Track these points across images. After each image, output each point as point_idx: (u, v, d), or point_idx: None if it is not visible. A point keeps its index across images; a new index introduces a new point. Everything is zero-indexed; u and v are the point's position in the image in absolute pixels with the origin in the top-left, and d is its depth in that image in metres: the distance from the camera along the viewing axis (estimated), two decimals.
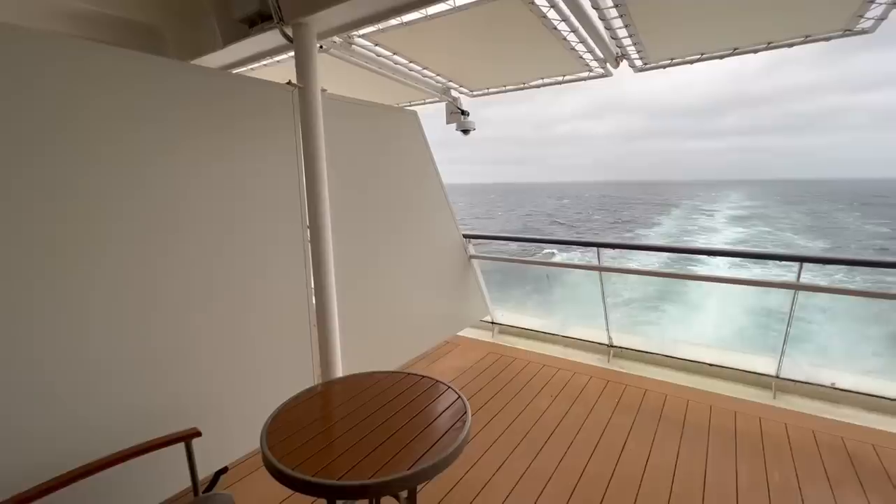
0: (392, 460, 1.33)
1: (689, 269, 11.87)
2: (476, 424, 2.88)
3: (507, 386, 3.39)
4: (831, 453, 2.48)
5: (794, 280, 2.84)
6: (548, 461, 2.49)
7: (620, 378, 3.42)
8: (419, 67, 3.13)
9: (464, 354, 4.01)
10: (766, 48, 2.65)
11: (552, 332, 4.15)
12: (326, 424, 1.57)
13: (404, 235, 3.16)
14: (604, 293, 3.63)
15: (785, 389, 3.08)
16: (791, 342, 3.05)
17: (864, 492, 2.19)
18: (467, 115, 3.78)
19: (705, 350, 3.68)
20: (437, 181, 3.51)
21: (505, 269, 11.42)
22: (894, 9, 2.15)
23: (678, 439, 2.64)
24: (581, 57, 2.83)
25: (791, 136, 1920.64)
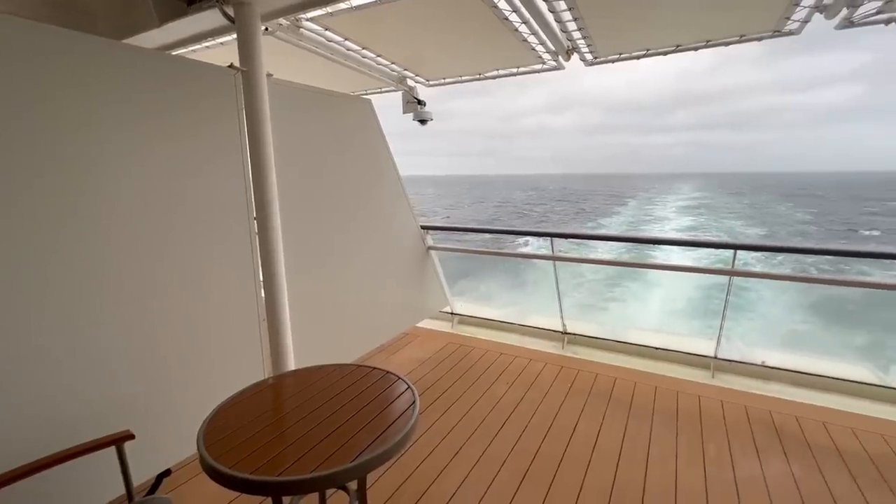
0: (337, 452, 1.32)
1: (646, 255, 12.68)
2: (433, 413, 2.90)
3: (465, 375, 3.43)
4: (760, 426, 2.69)
5: (730, 267, 3.03)
6: (502, 446, 2.55)
7: (573, 363, 3.54)
8: (372, 55, 3.06)
9: (423, 345, 4.02)
10: (706, 46, 2.78)
11: (510, 322, 4.23)
12: (271, 420, 1.53)
13: (359, 227, 3.10)
14: (557, 282, 3.73)
15: (721, 369, 3.29)
16: (738, 320, 3.27)
17: (787, 459, 2.38)
18: (424, 105, 3.75)
19: (653, 335, 3.87)
20: (393, 171, 3.46)
21: (479, 260, 11.79)
22: (816, 12, 2.31)
23: (625, 419, 2.77)
24: (533, 49, 2.86)
25: (734, 132, 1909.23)
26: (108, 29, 2.56)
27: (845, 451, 2.44)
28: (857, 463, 2.34)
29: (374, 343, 3.36)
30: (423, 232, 3.90)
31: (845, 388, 2.99)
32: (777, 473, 2.27)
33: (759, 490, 2.16)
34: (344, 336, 3.03)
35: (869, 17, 2.28)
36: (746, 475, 2.26)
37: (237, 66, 2.16)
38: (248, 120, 2.20)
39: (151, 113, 1.94)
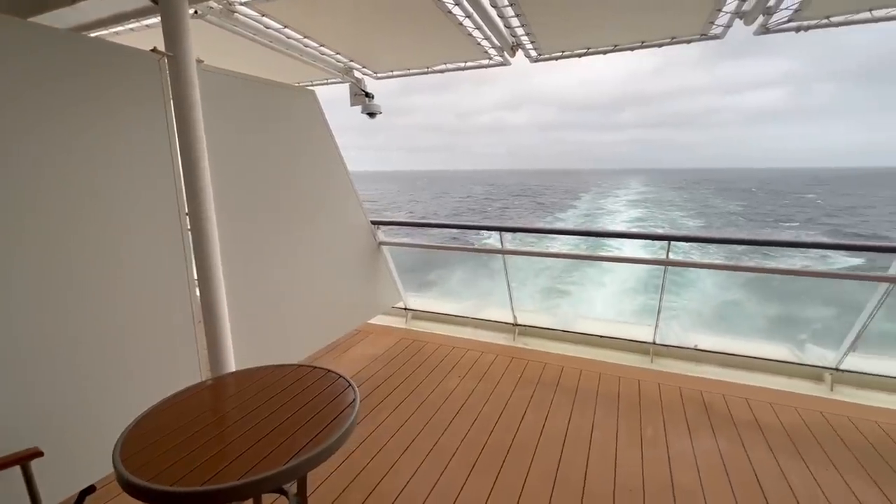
0: (271, 455, 1.27)
1: (601, 245, 13.44)
2: (385, 410, 2.88)
3: (417, 370, 3.43)
4: (692, 405, 2.88)
5: (665, 257, 3.21)
6: (453, 438, 2.57)
7: (523, 354, 3.63)
8: (315, 44, 2.96)
9: (375, 342, 3.97)
10: (641, 46, 2.91)
11: (463, 316, 4.26)
12: (202, 425, 1.45)
13: (305, 222, 3.00)
14: (507, 276, 3.80)
15: (659, 354, 3.49)
16: (681, 296, 3.46)
17: (714, 435, 2.57)
18: (372, 98, 3.67)
19: (599, 323, 4.03)
20: (340, 166, 3.37)
21: (445, 254, 12.39)
22: (737, 18, 2.47)
23: (571, 406, 2.88)
24: (479, 44, 2.88)
25: (676, 131, 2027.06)
26: (11, 5, 2.31)
27: (764, 424, 2.66)
28: (774, 434, 2.56)
29: (324, 341, 3.28)
30: (374, 227, 3.84)
31: (766, 367, 3.26)
32: (705, 449, 2.44)
33: (689, 465, 2.31)
34: (291, 335, 2.93)
35: (781, 24, 2.47)
36: (678, 452, 2.41)
37: (162, 50, 2.01)
38: (175, 108, 2.06)
39: (64, 100, 1.76)
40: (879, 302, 2.73)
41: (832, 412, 2.76)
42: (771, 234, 28.06)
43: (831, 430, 2.59)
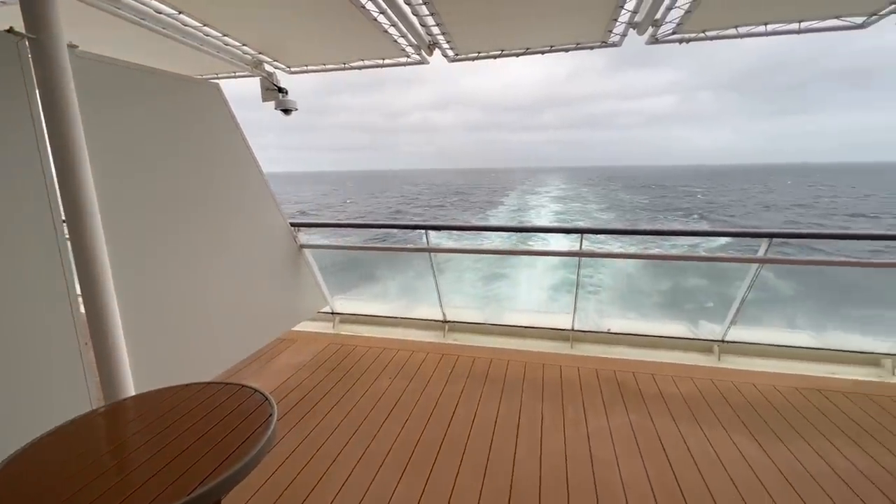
0: (175, 484, 1.15)
1: (529, 238, 14.23)
2: (313, 418, 2.76)
3: (346, 375, 3.33)
4: (607, 385, 3.11)
5: (579, 249, 3.44)
6: (384, 441, 2.54)
7: (453, 350, 3.68)
8: (217, 33, 2.73)
9: (302, 349, 3.80)
10: (550, 51, 3.08)
11: (393, 316, 4.22)
12: (90, 459, 1.27)
13: (212, 226, 2.76)
14: (435, 273, 3.82)
15: (578, 339, 3.73)
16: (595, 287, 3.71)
17: (627, 410, 2.81)
18: (286, 94, 3.49)
19: (524, 315, 4.22)
20: (252, 165, 3.16)
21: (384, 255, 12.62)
22: (630, 28, 2.71)
23: (499, 397, 2.97)
24: (396, 41, 2.85)
25: (590, 131, 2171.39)
26: None
27: (667, 395, 2.96)
28: (675, 403, 2.86)
29: (243, 353, 3.05)
30: (294, 230, 3.65)
31: (667, 344, 3.63)
32: (619, 423, 2.66)
33: (605, 440, 2.50)
34: (202, 350, 2.69)
35: (668, 35, 2.75)
36: (596, 429, 2.60)
37: (20, 30, 1.73)
38: (43, 100, 1.78)
39: None
40: (752, 280, 3.17)
41: (720, 379, 3.14)
42: (666, 224, 31.86)
43: (720, 394, 2.95)
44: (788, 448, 2.40)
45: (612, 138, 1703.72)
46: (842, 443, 2.44)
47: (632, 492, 2.11)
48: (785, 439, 2.48)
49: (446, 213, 41.59)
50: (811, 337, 3.58)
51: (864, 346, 3.33)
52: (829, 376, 3.10)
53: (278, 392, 3.11)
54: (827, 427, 2.58)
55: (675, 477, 2.20)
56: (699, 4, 2.32)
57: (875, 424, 2.60)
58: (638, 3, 2.39)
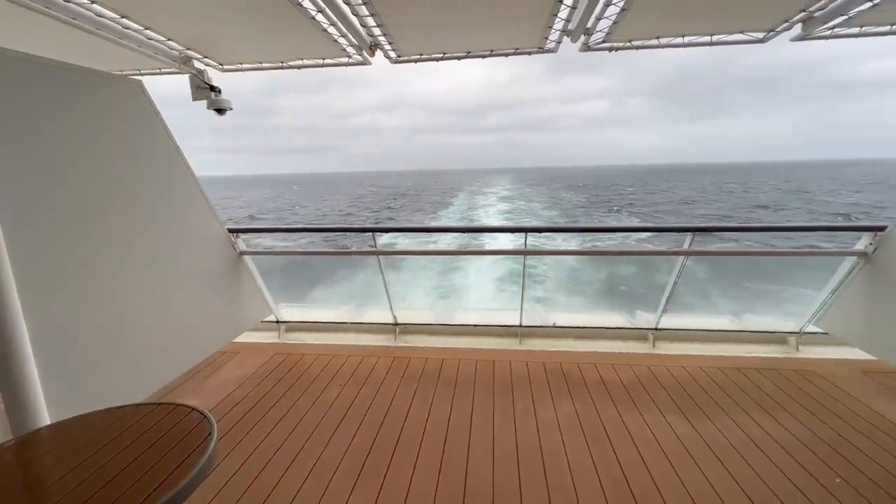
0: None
1: (479, 238, 14.68)
2: (260, 432, 2.64)
3: (295, 384, 3.22)
4: (554, 377, 3.24)
5: (523, 247, 3.56)
6: (336, 449, 2.48)
7: (405, 353, 3.67)
8: (137, 26, 2.53)
9: (245, 361, 3.61)
10: (491, 55, 3.15)
11: (343, 321, 4.13)
12: (5, 498, 1.14)
13: (135, 235, 2.54)
14: (384, 276, 3.79)
15: (526, 335, 3.86)
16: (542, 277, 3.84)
17: (572, 399, 2.94)
18: (218, 92, 3.30)
19: (475, 313, 4.29)
20: (183, 168, 2.95)
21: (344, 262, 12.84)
22: (565, 35, 2.84)
23: (451, 396, 3.00)
24: (336, 41, 2.80)
25: (532, 133, 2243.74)
26: None
27: (608, 382, 3.14)
28: (615, 389, 3.04)
29: (180, 369, 2.85)
30: (233, 236, 3.46)
31: (608, 334, 3.85)
32: (566, 413, 2.78)
33: (553, 430, 2.60)
34: (132, 368, 2.48)
35: (598, 44, 2.92)
36: (544, 420, 2.70)
37: None
38: None
39: None
40: (679, 271, 3.44)
41: (654, 364, 3.38)
42: (603, 220, 34.38)
43: (654, 378, 3.18)
44: (713, 423, 2.64)
45: (552, 140, 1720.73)
46: (757, 414, 2.72)
47: (579, 477, 2.21)
48: (710, 415, 2.72)
49: (400, 214, 42.20)
50: (731, 321, 3.96)
51: (773, 326, 3.73)
52: (746, 355, 3.44)
53: (220, 408, 2.93)
54: (745, 401, 2.86)
55: (617, 459, 2.34)
56: (625, 16, 2.48)
57: (783, 395, 2.91)
58: (570, 12, 2.52)
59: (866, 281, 3.00)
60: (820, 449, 2.39)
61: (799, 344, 3.58)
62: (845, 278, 3.17)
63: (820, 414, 2.70)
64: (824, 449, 2.39)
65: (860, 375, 3.13)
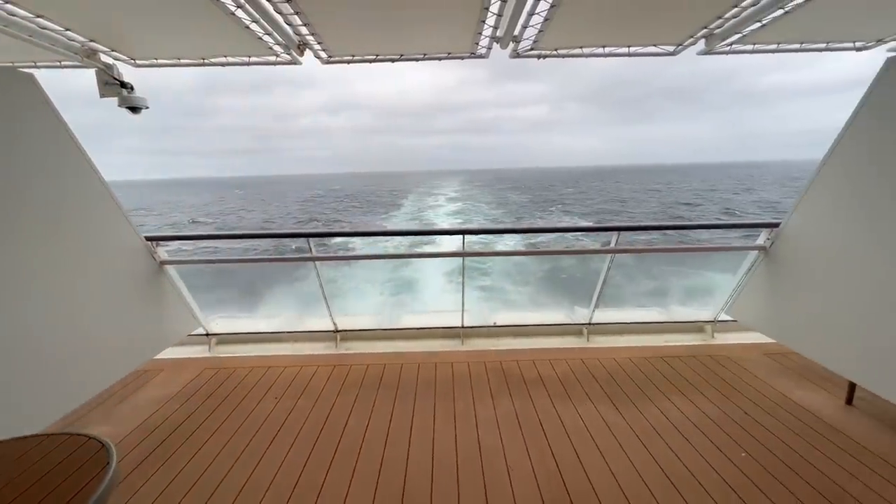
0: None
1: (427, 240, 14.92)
2: (183, 457, 2.45)
3: (225, 401, 3.03)
4: (494, 375, 3.31)
5: (461, 249, 3.61)
6: (269, 466, 2.36)
7: (346, 360, 3.58)
8: (26, 13, 2.27)
9: (169, 380, 3.35)
10: (424, 58, 3.16)
11: (279, 331, 3.95)
12: None
13: (25, 246, 2.27)
14: (321, 281, 3.68)
15: (468, 335, 3.91)
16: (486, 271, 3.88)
17: (511, 397, 3.01)
18: (131, 89, 3.05)
19: (419, 316, 4.28)
20: (87, 171, 2.69)
21: None
22: (495, 42, 2.91)
23: (392, 402, 2.97)
24: (261, 38, 2.67)
25: (480, 136, 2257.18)
26: None
27: (545, 378, 3.25)
28: (552, 384, 3.15)
29: (88, 394, 2.57)
30: (152, 245, 3.20)
31: (546, 331, 3.99)
32: (505, 410, 2.84)
33: (492, 428, 2.65)
34: (26, 397, 2.21)
35: (527, 51, 3.02)
36: (484, 419, 2.74)
37: None
38: None
39: None
40: (608, 268, 3.64)
41: (588, 357, 3.55)
42: (543, 219, 35.72)
43: (588, 371, 3.33)
44: (639, 409, 2.81)
45: (499, 143, 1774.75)
46: (677, 399, 2.93)
47: (516, 474, 2.26)
48: (636, 402, 2.89)
49: (351, 217, 41.81)
50: (658, 313, 4.24)
51: (692, 316, 4.05)
52: (669, 344, 3.71)
53: (139, 432, 2.70)
54: (667, 387, 3.08)
55: (552, 452, 2.42)
56: (548, 26, 2.58)
57: (700, 380, 3.17)
58: (497, 19, 2.58)
59: (766, 272, 3.33)
60: (730, 427, 2.62)
61: (714, 331, 3.91)
62: (749, 270, 3.51)
63: (730, 395, 2.97)
64: (733, 427, 2.62)
65: (764, 358, 3.47)
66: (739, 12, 2.40)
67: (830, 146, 2.82)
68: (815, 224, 2.94)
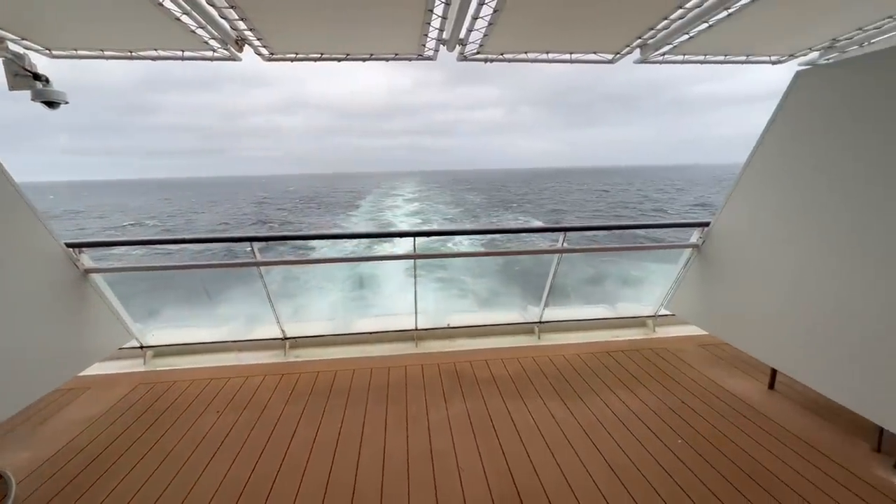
0: None
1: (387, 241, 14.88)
2: (111, 480, 2.27)
3: (161, 417, 2.84)
4: (447, 377, 3.31)
5: (413, 251, 3.59)
6: (208, 484, 2.23)
7: (295, 368, 3.46)
8: None
9: (98, 397, 3.09)
10: (370, 59, 3.12)
11: (223, 340, 3.76)
12: None
13: None
14: (266, 288, 3.53)
15: (422, 338, 3.89)
16: None
17: (464, 398, 3.02)
18: (47, 82, 2.79)
19: (371, 320, 4.21)
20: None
21: None
22: (441, 44, 2.92)
23: (343, 409, 2.89)
24: (194, 32, 2.53)
25: (438, 138, 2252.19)
26: None
27: (498, 377, 3.29)
28: (504, 384, 3.20)
29: (3, 414, 2.32)
30: (74, 252, 2.94)
31: (500, 331, 4.05)
32: (457, 412, 2.85)
33: (444, 431, 2.64)
34: None
35: (473, 55, 3.05)
36: (436, 422, 2.74)
37: None
38: None
39: None
40: (555, 267, 3.75)
41: (539, 355, 3.63)
42: (501, 217, 36.81)
43: (539, 369, 3.41)
44: (585, 403, 2.91)
45: (456, 144, 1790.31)
46: (621, 392, 3.06)
47: (466, 475, 2.27)
48: (583, 397, 3.00)
49: (308, 217, 40.99)
50: (606, 309, 4.42)
51: (636, 312, 4.25)
52: (615, 339, 3.87)
53: (58, 458, 2.46)
54: (612, 380, 3.21)
55: (503, 452, 2.45)
56: (493, 30, 2.62)
57: (642, 372, 3.33)
58: (442, 21, 2.59)
59: (699, 269, 3.56)
60: (668, 416, 2.77)
61: (655, 326, 4.13)
62: (684, 267, 3.74)
63: (668, 385, 3.14)
64: (671, 415, 2.77)
65: (699, 349, 3.71)
66: (669, 24, 2.54)
67: (750, 152, 3.06)
68: (739, 224, 3.17)
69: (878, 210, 2.25)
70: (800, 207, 2.69)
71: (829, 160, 2.54)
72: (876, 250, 2.24)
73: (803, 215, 2.66)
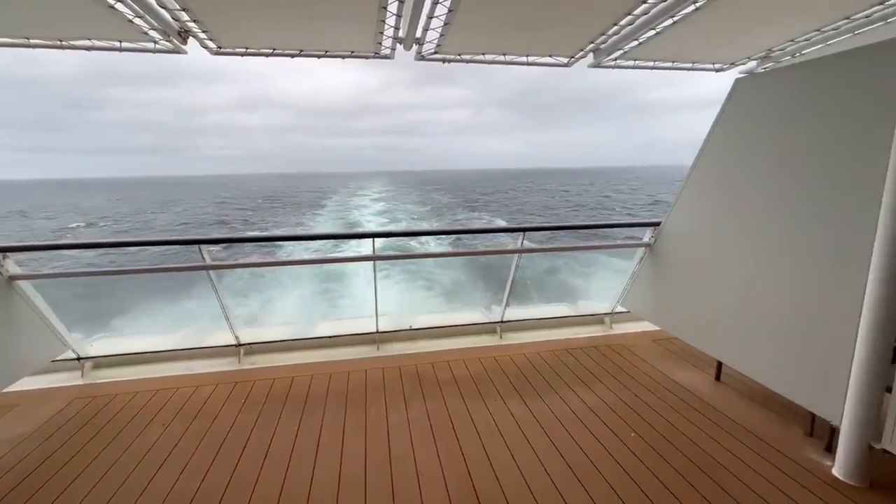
0: None
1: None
2: (46, 497, 2.09)
3: (100, 433, 2.65)
4: (409, 379, 3.27)
5: (372, 253, 3.53)
6: (154, 497, 2.13)
7: (250, 375, 3.32)
8: None
9: (26, 414, 2.85)
10: (325, 55, 3.04)
11: (172, 349, 3.56)
12: None
13: None
14: (218, 292, 3.37)
15: (384, 340, 3.84)
16: None
17: (425, 400, 2.99)
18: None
19: (331, 324, 4.11)
20: None
21: None
22: (398, 43, 2.88)
23: (299, 417, 2.80)
24: (132, 22, 2.38)
25: (406, 138, 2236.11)
26: None
27: (459, 378, 3.29)
28: (465, 384, 3.20)
29: None
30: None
31: (462, 331, 4.05)
32: (417, 414, 2.82)
33: (404, 434, 2.61)
34: None
35: (431, 55, 3.03)
36: (396, 425, 2.69)
37: None
38: None
39: None
40: (515, 267, 3.79)
41: (500, 355, 3.66)
42: (468, 217, 37.21)
43: (500, 368, 3.44)
44: (544, 401, 2.95)
45: (424, 145, 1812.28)
46: (579, 388, 3.13)
47: (425, 479, 2.25)
48: (542, 395, 3.04)
49: (274, 217, 40.07)
50: (568, 307, 4.51)
51: (594, 309, 4.36)
52: (572, 337, 3.96)
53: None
54: (570, 377, 3.28)
55: (462, 453, 2.44)
56: (450, 30, 2.61)
57: (599, 368, 3.42)
58: (398, 20, 2.55)
59: (651, 267, 3.70)
60: (623, 410, 2.85)
61: (612, 322, 4.26)
62: (638, 265, 3.87)
63: (623, 380, 3.24)
64: (626, 410, 2.85)
65: (653, 344, 3.85)
66: (620, 29, 2.61)
67: (696, 155, 3.20)
68: (687, 223, 3.32)
69: (808, 211, 2.40)
70: (739, 208, 2.84)
71: (764, 163, 2.69)
72: (807, 250, 2.39)
73: (742, 216, 2.81)
